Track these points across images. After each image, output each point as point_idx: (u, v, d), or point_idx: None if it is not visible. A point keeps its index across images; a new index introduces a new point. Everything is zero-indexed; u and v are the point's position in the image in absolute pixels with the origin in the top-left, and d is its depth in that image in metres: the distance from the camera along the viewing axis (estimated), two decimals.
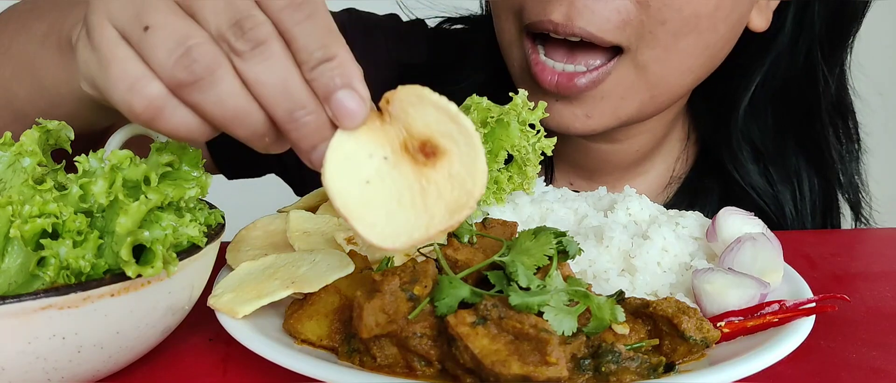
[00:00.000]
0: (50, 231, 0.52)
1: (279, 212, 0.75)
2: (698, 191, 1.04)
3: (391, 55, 1.08)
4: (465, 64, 1.04)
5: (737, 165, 1.01)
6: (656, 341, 0.58)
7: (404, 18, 1.15)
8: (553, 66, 0.85)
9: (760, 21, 0.95)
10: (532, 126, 0.76)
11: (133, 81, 0.47)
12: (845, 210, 1.10)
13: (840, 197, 1.06)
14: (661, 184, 1.07)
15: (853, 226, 1.10)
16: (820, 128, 1.02)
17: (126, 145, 0.66)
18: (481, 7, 1.12)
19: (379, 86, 0.68)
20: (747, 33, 0.95)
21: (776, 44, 0.98)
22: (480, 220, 0.67)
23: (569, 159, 1.05)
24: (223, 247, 0.69)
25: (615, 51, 0.86)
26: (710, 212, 1.00)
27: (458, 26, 1.15)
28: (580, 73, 0.85)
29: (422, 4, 1.14)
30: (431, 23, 1.16)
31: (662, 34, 0.84)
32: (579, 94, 0.85)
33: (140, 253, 0.53)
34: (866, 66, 1.10)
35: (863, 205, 1.08)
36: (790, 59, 0.99)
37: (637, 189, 1.05)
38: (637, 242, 0.70)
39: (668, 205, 1.02)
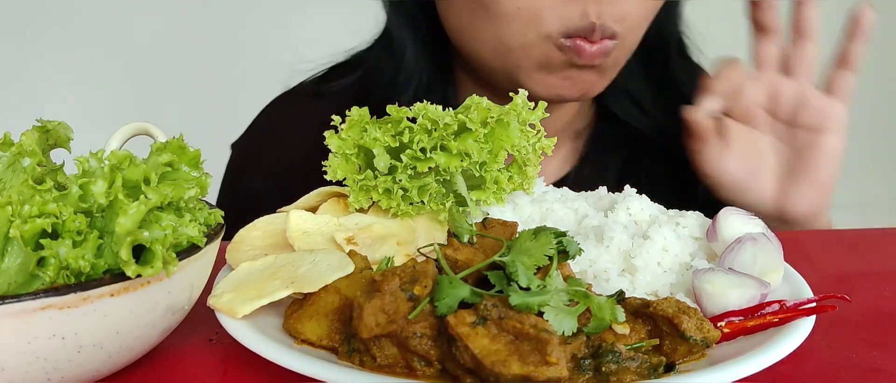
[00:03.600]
0: (50, 231, 0.52)
1: (279, 211, 0.75)
2: (603, 137, 1.22)
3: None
4: (395, 80, 1.15)
5: (617, 106, 1.20)
6: (656, 341, 0.58)
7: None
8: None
9: None
10: (532, 126, 0.76)
11: None
12: None
13: None
14: (583, 136, 1.24)
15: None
16: (672, 68, 1.21)
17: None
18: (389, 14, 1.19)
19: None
20: None
21: None
22: (480, 220, 0.67)
23: None
24: (223, 247, 0.69)
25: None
26: (612, 150, 1.20)
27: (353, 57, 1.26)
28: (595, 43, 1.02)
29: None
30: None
31: (649, 15, 1.05)
32: (603, 58, 1.03)
33: (140, 253, 0.53)
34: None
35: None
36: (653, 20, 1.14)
37: (565, 147, 1.21)
38: (637, 242, 0.70)
39: (585, 153, 1.21)
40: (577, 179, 1.19)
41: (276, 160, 1.21)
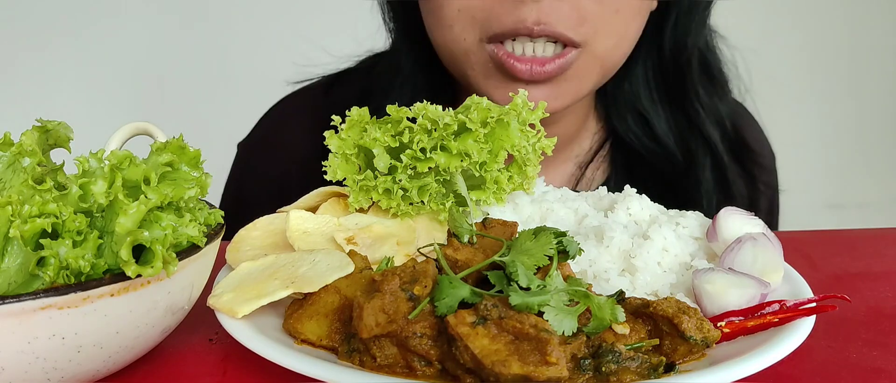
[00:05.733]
0: (50, 231, 0.52)
1: (279, 211, 0.75)
2: (611, 161, 1.16)
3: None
4: (388, 93, 1.13)
5: (626, 130, 1.13)
6: (656, 341, 0.58)
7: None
8: (523, 55, 0.95)
9: None
10: (532, 126, 0.76)
11: None
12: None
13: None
14: (585, 161, 1.17)
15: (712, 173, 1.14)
16: (689, 84, 1.12)
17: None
18: (389, 30, 1.18)
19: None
20: None
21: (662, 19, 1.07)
22: (480, 220, 0.67)
23: None
24: (223, 246, 0.69)
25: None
26: (619, 176, 1.13)
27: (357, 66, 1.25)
28: (547, 59, 0.95)
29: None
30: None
31: (616, 23, 0.95)
32: (548, 79, 0.96)
33: (140, 253, 0.53)
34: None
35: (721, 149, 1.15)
36: (670, 29, 1.09)
37: (568, 166, 1.15)
38: (637, 242, 0.70)
39: (585, 177, 1.14)
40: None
41: (278, 161, 1.20)
